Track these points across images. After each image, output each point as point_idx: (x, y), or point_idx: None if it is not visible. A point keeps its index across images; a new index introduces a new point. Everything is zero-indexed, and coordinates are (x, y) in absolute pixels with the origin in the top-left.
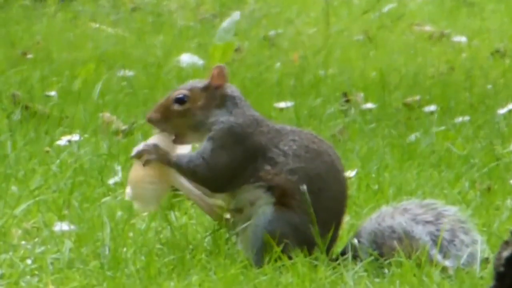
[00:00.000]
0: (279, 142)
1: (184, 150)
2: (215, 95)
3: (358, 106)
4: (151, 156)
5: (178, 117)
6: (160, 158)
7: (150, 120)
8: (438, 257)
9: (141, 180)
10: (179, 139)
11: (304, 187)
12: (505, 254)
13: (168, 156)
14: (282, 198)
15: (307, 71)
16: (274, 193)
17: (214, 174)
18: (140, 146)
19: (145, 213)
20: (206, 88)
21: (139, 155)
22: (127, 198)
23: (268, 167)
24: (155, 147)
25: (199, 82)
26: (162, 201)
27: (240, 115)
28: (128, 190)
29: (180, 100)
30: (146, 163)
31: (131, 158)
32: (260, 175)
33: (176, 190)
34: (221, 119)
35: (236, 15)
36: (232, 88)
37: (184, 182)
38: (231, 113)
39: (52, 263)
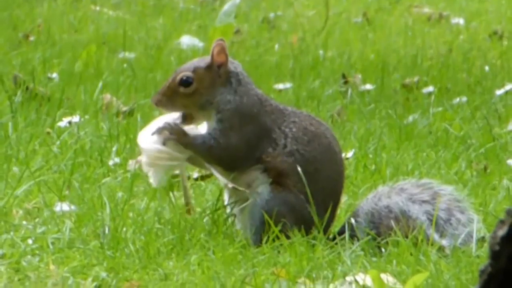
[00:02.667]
0: (281, 123)
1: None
2: (219, 73)
3: (357, 87)
4: (171, 135)
5: (185, 98)
6: (178, 139)
7: (157, 104)
8: (435, 236)
9: (158, 155)
10: (187, 120)
11: (299, 169)
12: (501, 233)
13: (185, 137)
14: (278, 178)
15: (306, 53)
16: (270, 173)
17: (227, 154)
18: (161, 124)
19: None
20: (209, 67)
21: (160, 132)
22: (142, 167)
23: (270, 149)
24: (176, 126)
25: (201, 61)
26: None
27: (244, 94)
28: (143, 159)
29: (185, 83)
30: (165, 141)
31: (152, 134)
32: (262, 157)
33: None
34: (228, 98)
35: None
36: (234, 64)
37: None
38: (236, 92)
39: (52, 243)
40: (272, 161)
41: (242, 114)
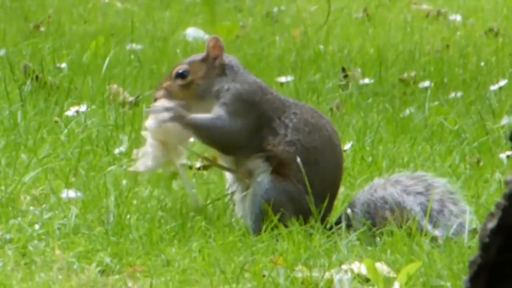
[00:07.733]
0: (282, 113)
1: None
2: (214, 65)
3: (356, 81)
4: (168, 115)
5: (182, 90)
6: (176, 119)
7: (158, 98)
8: (428, 226)
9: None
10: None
11: (299, 159)
12: (490, 225)
13: (185, 118)
14: (278, 168)
15: (308, 47)
16: (271, 162)
17: (228, 137)
18: (160, 105)
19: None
20: (204, 60)
21: (158, 112)
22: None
23: (270, 137)
24: (175, 107)
25: (197, 56)
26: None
27: (243, 81)
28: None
29: (181, 75)
30: (162, 123)
31: (146, 113)
32: (262, 145)
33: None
34: (226, 86)
35: None
36: (229, 58)
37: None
38: (234, 80)
39: (59, 229)
40: (273, 150)
41: (245, 100)
